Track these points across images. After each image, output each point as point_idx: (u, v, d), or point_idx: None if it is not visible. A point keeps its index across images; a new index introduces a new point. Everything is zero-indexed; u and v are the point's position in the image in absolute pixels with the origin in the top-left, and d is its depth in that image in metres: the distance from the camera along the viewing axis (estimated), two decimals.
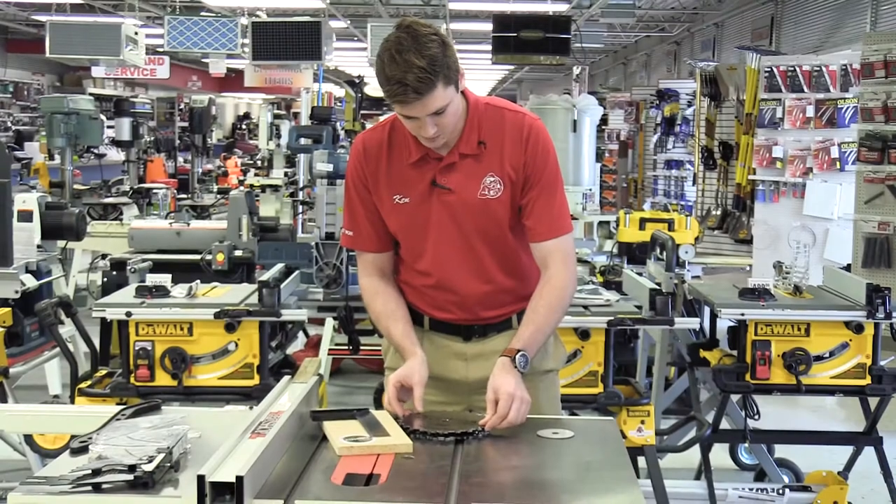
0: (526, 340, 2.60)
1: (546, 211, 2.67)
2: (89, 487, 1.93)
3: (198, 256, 5.69)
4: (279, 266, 4.47)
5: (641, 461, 3.82)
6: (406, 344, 2.66)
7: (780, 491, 4.13)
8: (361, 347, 5.09)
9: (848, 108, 9.04)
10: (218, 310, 3.76)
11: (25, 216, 5.36)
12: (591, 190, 9.84)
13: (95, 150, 11.73)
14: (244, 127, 25.58)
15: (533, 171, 2.65)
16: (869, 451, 4.12)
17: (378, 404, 2.74)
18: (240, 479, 1.87)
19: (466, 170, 2.64)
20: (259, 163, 15.23)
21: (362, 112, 12.50)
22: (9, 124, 21.90)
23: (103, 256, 6.35)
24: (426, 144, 2.60)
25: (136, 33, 10.89)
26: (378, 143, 2.71)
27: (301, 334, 6.76)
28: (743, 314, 3.88)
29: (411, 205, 2.67)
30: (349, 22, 17.05)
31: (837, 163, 9.04)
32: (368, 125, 15.61)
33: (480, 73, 30.11)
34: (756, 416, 4.34)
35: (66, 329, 4.43)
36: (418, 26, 2.46)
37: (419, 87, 2.41)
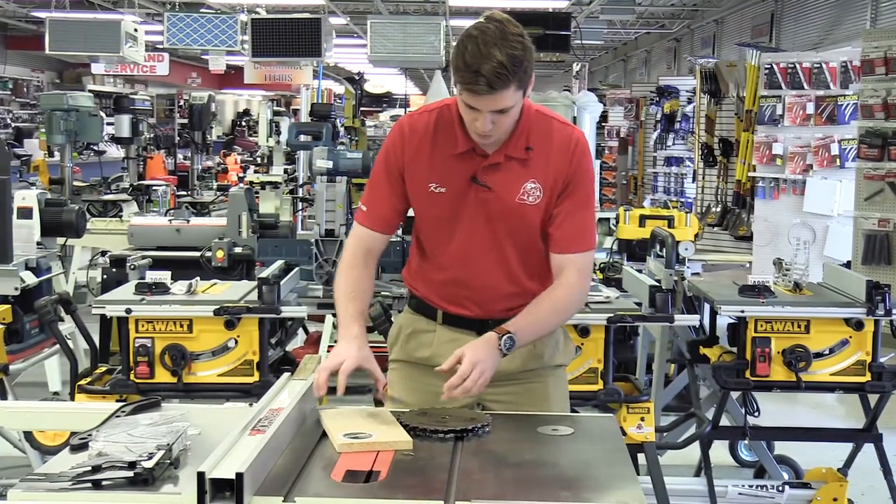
0: (520, 326, 2.60)
1: (575, 224, 2.68)
2: (89, 484, 1.93)
3: (197, 253, 5.69)
4: (279, 263, 4.47)
5: (641, 458, 3.82)
6: (349, 324, 2.64)
7: (780, 488, 4.13)
8: None
9: (848, 104, 9.04)
10: (218, 307, 3.76)
11: (25, 213, 5.35)
12: None
13: (95, 147, 11.73)
14: (244, 124, 25.53)
15: (572, 184, 2.66)
16: (869, 448, 4.12)
17: (377, 402, 2.74)
18: (240, 475, 1.87)
19: (509, 172, 2.64)
20: (259, 160, 15.22)
21: (362, 109, 12.49)
22: (8, 121, 21.88)
23: (103, 253, 6.35)
24: (475, 139, 2.59)
25: (135, 30, 10.88)
26: (424, 126, 2.69)
27: (301, 331, 6.76)
28: (743, 311, 3.88)
29: (447, 195, 2.66)
30: (349, 18, 17.03)
31: (837, 160, 9.04)
32: (368, 122, 15.65)
33: None
34: (756, 413, 4.35)
35: (66, 326, 4.43)
36: (508, 24, 2.47)
37: (494, 81, 2.41)
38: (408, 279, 2.88)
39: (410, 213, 2.82)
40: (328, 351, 6.09)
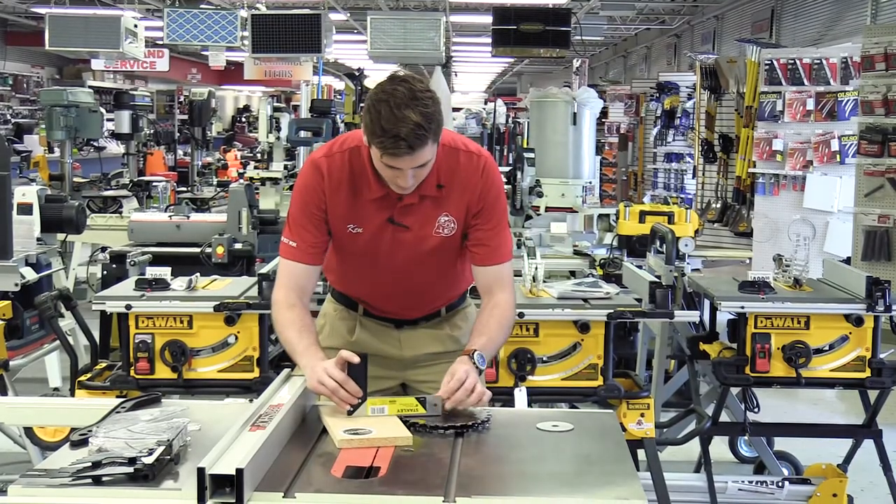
0: (481, 344, 2.70)
1: (495, 240, 2.80)
2: (89, 480, 1.93)
3: (197, 249, 5.68)
4: (279, 259, 4.46)
5: (641, 454, 3.82)
6: (314, 350, 2.65)
7: (780, 483, 4.13)
8: None
9: (848, 100, 9.04)
10: (218, 303, 3.76)
11: (25, 209, 5.35)
12: (590, 183, 9.83)
13: (95, 143, 11.72)
14: (244, 120, 25.53)
15: (485, 206, 2.77)
16: (868, 444, 4.12)
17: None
18: (240, 471, 1.87)
19: (424, 210, 2.75)
20: (259, 156, 15.21)
21: (362, 105, 12.49)
22: (8, 117, 21.87)
23: (103, 249, 6.36)
24: (395, 190, 2.65)
25: (135, 26, 10.88)
26: (339, 169, 2.74)
27: None
28: (743, 307, 3.88)
29: (364, 235, 2.77)
30: (349, 14, 17.02)
31: (837, 156, 9.04)
32: None
33: (480, 66, 30.08)
34: (756, 409, 4.35)
35: (66, 322, 4.42)
36: (414, 81, 2.52)
37: (414, 142, 2.47)
38: (329, 276, 3.01)
39: None
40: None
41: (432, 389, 2.67)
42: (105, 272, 5.59)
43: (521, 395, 3.33)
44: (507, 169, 7.18)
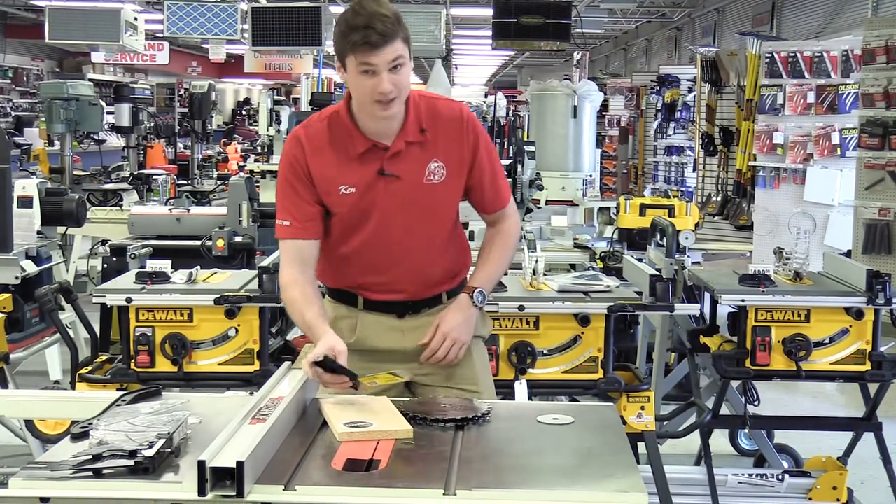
0: (482, 280, 2.87)
1: (496, 185, 2.91)
2: (90, 473, 1.93)
3: (198, 242, 5.68)
4: (279, 252, 4.46)
5: (641, 447, 3.82)
6: (318, 323, 2.69)
7: (780, 476, 4.14)
8: None
9: (849, 93, 9.02)
10: (218, 296, 3.76)
11: (25, 202, 5.35)
12: (591, 176, 9.83)
13: (95, 136, 11.73)
14: (244, 113, 25.52)
15: (478, 153, 2.83)
16: (868, 437, 4.13)
17: None
18: (240, 464, 1.87)
19: (412, 157, 2.77)
20: (259, 148, 15.20)
21: None
22: (8, 110, 21.87)
23: (103, 242, 6.35)
24: (378, 112, 2.65)
25: (135, 19, 10.87)
26: (318, 135, 2.78)
27: None
28: (743, 300, 3.88)
29: (357, 194, 2.76)
30: None
31: (838, 149, 9.03)
32: None
33: (480, 59, 30.06)
34: (756, 402, 4.35)
35: (67, 315, 4.42)
36: None
37: (386, 30, 2.56)
38: (321, 276, 2.94)
39: None
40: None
41: (437, 383, 2.76)
42: (105, 265, 5.60)
43: (521, 388, 3.34)
44: (507, 162, 7.18)
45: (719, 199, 11.45)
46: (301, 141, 2.78)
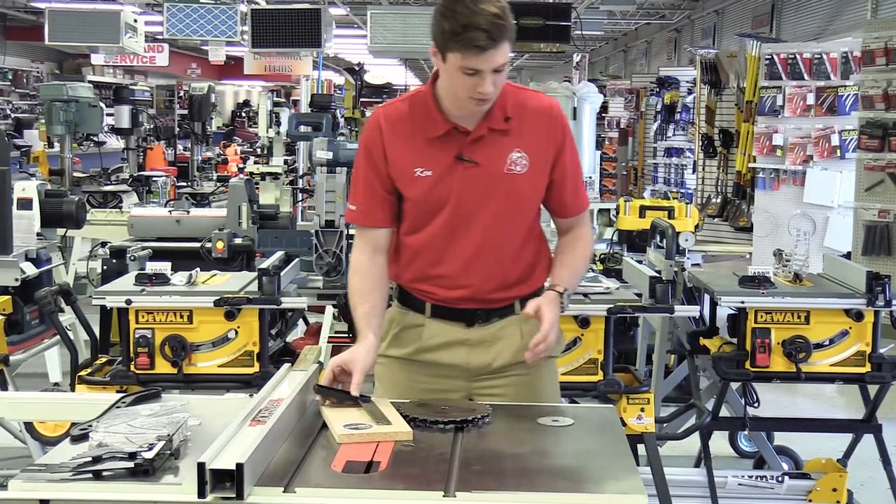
0: (567, 281, 2.72)
1: (577, 187, 2.81)
2: (89, 475, 1.93)
3: (197, 244, 5.68)
4: (279, 254, 4.47)
5: (641, 449, 3.82)
6: (363, 325, 2.66)
7: (780, 478, 4.14)
8: None
9: (848, 95, 9.02)
10: (218, 297, 3.76)
11: (25, 204, 5.36)
12: (591, 178, 9.81)
13: (95, 138, 11.73)
14: (244, 114, 25.53)
15: (561, 152, 2.73)
16: (868, 439, 4.13)
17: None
18: (240, 466, 1.87)
19: (493, 144, 2.66)
20: (259, 150, 15.21)
21: (362, 99, 12.49)
22: (8, 112, 21.85)
23: (103, 244, 6.35)
24: (471, 107, 2.58)
25: (135, 20, 10.87)
26: (398, 115, 2.70)
27: (301, 322, 6.75)
28: (743, 302, 3.88)
29: (433, 178, 2.65)
30: (349, 9, 17.01)
31: (838, 150, 9.02)
32: (368, 113, 15.64)
33: None
34: (756, 404, 4.35)
35: (66, 317, 4.43)
36: None
37: (496, 33, 2.44)
38: (393, 273, 2.82)
39: None
40: (328, 342, 6.12)
41: (501, 403, 2.62)
42: (105, 267, 5.59)
43: None
44: None
45: (719, 200, 11.45)
46: (379, 122, 2.70)
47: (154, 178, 10.32)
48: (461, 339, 2.75)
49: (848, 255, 5.12)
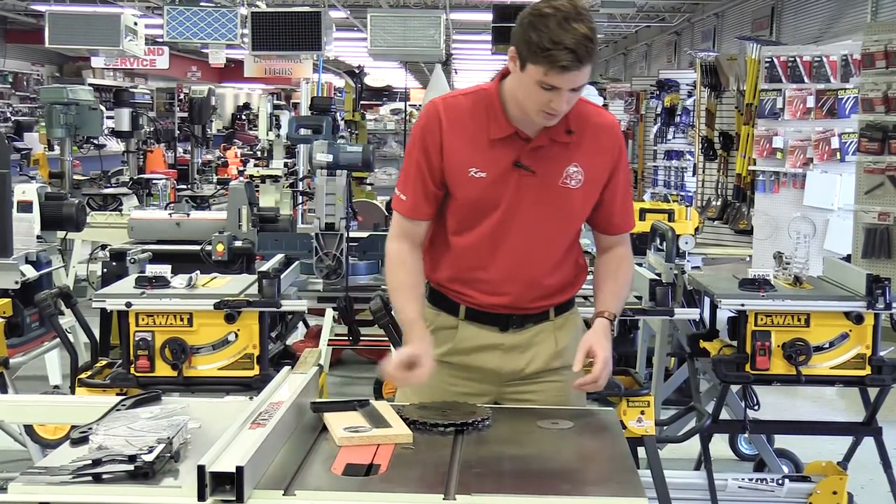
0: (616, 306, 2.71)
1: (626, 207, 2.78)
2: (89, 478, 1.93)
3: (198, 247, 5.68)
4: (279, 256, 4.46)
5: (641, 451, 3.82)
6: (418, 326, 2.62)
7: (780, 481, 4.13)
8: (361, 338, 5.09)
9: (848, 98, 9.02)
10: (218, 300, 3.76)
11: (25, 207, 5.36)
12: None
13: (95, 141, 11.73)
14: (244, 117, 25.57)
15: (616, 168, 2.70)
16: (868, 442, 4.12)
17: (378, 395, 2.74)
18: (240, 469, 1.87)
19: (552, 155, 2.62)
20: (259, 153, 15.21)
21: (362, 102, 12.49)
22: (8, 115, 21.87)
23: (103, 247, 6.37)
24: (539, 120, 2.53)
25: (135, 23, 10.88)
26: (460, 110, 2.63)
27: (301, 325, 6.76)
28: (743, 305, 3.87)
29: (486, 181, 2.60)
30: (349, 12, 17.03)
31: (838, 153, 9.02)
32: (368, 116, 15.62)
33: (480, 64, 30.07)
34: (756, 407, 4.34)
35: (66, 320, 4.42)
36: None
37: (583, 56, 2.39)
38: (428, 266, 2.77)
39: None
40: (328, 345, 6.12)
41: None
42: (105, 270, 5.60)
43: None
44: None
45: (719, 203, 11.45)
46: (439, 113, 2.63)
47: (154, 181, 10.33)
48: (495, 344, 2.73)
49: (848, 258, 5.13)
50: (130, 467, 1.94)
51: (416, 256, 2.71)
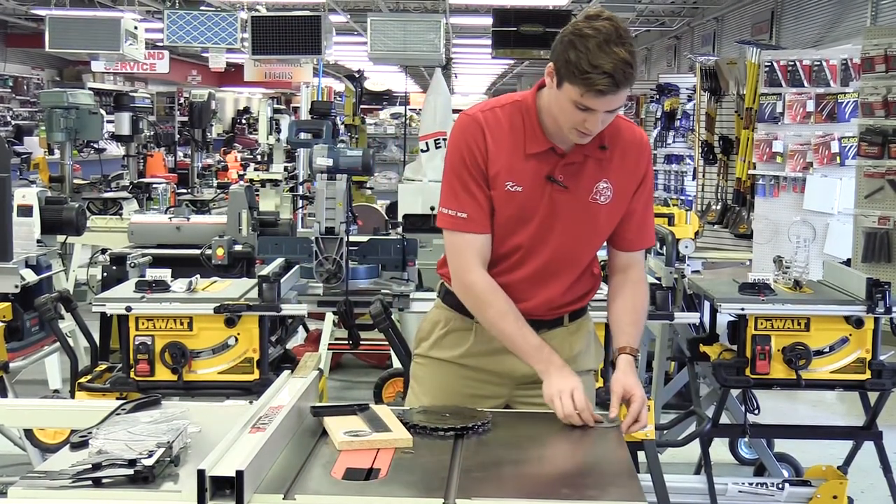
0: (636, 343, 2.66)
1: (646, 224, 2.76)
2: (89, 482, 1.93)
3: (198, 251, 5.68)
4: (279, 261, 4.46)
5: (641, 455, 3.80)
6: (548, 350, 2.58)
7: (780, 485, 4.13)
8: (361, 342, 5.08)
9: (848, 102, 9.04)
10: (218, 304, 3.76)
11: (25, 211, 5.35)
12: None
13: (95, 145, 11.73)
14: (244, 121, 25.56)
15: (643, 185, 2.69)
16: (868, 446, 4.12)
17: (378, 399, 2.74)
18: (240, 473, 1.87)
19: (585, 171, 2.60)
20: (259, 157, 15.23)
21: (362, 106, 12.50)
22: (8, 119, 21.88)
23: (103, 251, 6.36)
24: (573, 138, 2.51)
25: (135, 28, 10.89)
26: (498, 122, 2.60)
27: (301, 329, 6.76)
28: (743, 309, 3.88)
29: (522, 195, 2.58)
30: (349, 16, 17.03)
31: (838, 157, 9.04)
32: (368, 120, 15.62)
33: (480, 68, 30.08)
34: (756, 411, 4.34)
35: (66, 324, 4.42)
36: (616, 20, 2.41)
37: (623, 81, 2.37)
38: (447, 268, 2.74)
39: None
40: (328, 349, 6.12)
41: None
42: (105, 274, 5.59)
43: None
44: None
45: (719, 207, 11.46)
46: (481, 124, 2.58)
47: (154, 185, 10.34)
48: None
49: (848, 262, 5.13)
50: (130, 472, 1.94)
51: (493, 279, 2.65)
